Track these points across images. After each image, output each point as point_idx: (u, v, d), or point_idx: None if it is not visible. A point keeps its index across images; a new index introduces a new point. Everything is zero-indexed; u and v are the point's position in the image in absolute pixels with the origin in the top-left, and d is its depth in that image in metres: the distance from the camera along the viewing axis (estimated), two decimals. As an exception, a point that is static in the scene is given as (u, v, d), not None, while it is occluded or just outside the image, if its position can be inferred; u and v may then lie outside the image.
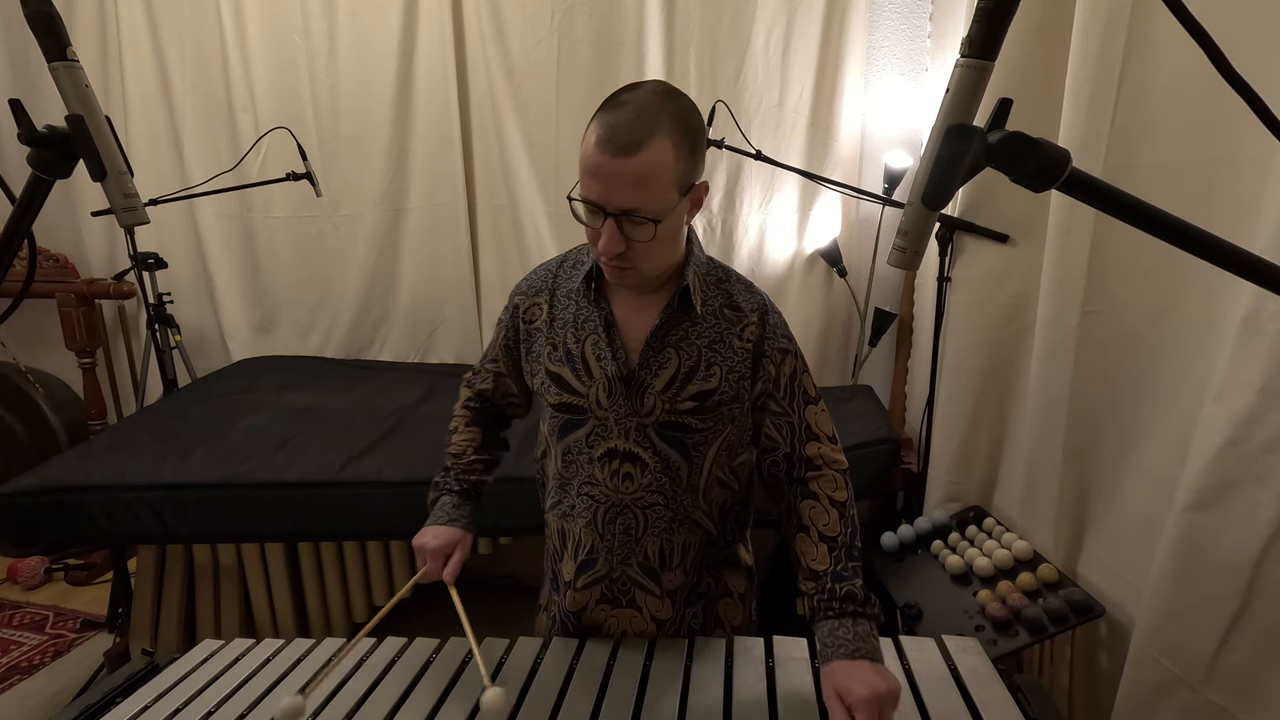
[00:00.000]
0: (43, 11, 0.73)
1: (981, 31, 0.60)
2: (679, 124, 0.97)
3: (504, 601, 1.35)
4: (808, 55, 2.56)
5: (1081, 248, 1.55)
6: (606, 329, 1.10)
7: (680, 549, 1.16)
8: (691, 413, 1.10)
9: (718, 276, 1.15)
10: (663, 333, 1.10)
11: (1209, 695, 1.21)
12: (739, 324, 1.12)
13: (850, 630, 0.99)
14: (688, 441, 1.11)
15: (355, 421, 2.36)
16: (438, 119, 2.83)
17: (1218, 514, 1.19)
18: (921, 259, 0.67)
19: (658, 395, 1.09)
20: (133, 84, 2.97)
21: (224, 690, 1.13)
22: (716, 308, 1.12)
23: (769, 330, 1.13)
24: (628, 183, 0.96)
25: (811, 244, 2.70)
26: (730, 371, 1.10)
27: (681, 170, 0.99)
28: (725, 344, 1.11)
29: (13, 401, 2.98)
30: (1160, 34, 1.36)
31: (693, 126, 1.01)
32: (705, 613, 1.22)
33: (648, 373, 1.09)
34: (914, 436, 2.38)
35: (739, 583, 1.26)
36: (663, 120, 0.96)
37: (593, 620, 1.21)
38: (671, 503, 1.13)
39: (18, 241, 0.79)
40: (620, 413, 1.11)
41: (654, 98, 0.98)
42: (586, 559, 1.18)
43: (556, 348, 1.14)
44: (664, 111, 0.96)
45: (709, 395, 1.09)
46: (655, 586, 1.18)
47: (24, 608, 2.72)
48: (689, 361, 1.09)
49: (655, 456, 1.11)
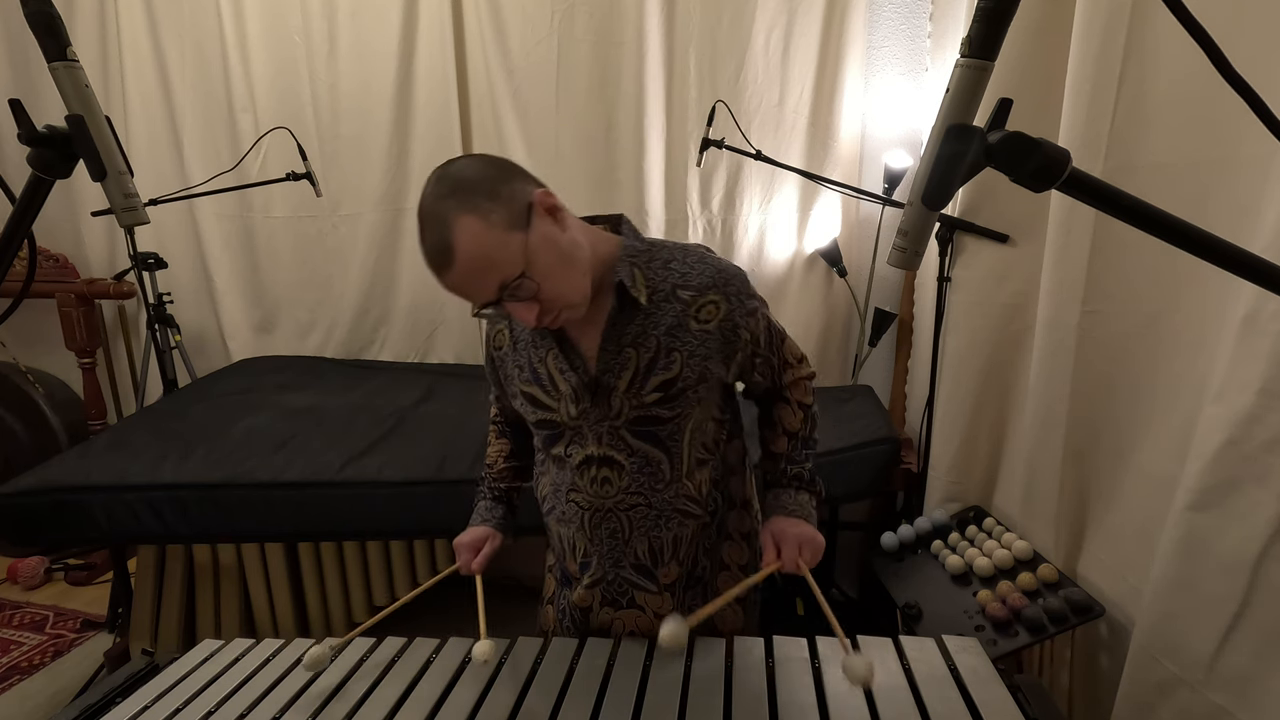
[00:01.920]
0: (43, 11, 0.73)
1: (981, 31, 0.60)
2: (462, 197, 0.94)
3: (504, 601, 1.35)
4: (808, 55, 2.55)
5: (1081, 248, 1.55)
6: (560, 344, 1.11)
7: (671, 543, 1.17)
8: (658, 404, 1.09)
9: (663, 259, 1.11)
10: (616, 335, 1.09)
11: (1209, 695, 1.21)
12: (695, 304, 1.09)
13: (793, 499, 1.21)
14: (661, 433, 1.11)
15: (355, 421, 2.36)
16: (438, 119, 2.83)
17: (1218, 514, 1.19)
18: (921, 259, 0.67)
19: (622, 395, 1.09)
20: (133, 84, 2.97)
21: (224, 690, 1.13)
22: (668, 291, 1.09)
23: (734, 300, 1.10)
24: (473, 279, 0.95)
25: (811, 244, 2.70)
26: (691, 356, 1.09)
27: (500, 220, 0.94)
28: (683, 328, 1.08)
29: (13, 401, 2.98)
30: (1160, 34, 1.36)
31: (475, 182, 0.96)
32: (704, 592, 1.23)
33: (610, 376, 1.09)
34: (914, 436, 2.38)
35: (737, 554, 1.25)
36: (448, 210, 0.93)
37: (600, 623, 1.23)
38: (653, 500, 1.14)
39: (18, 241, 0.79)
40: (591, 420, 1.11)
41: (431, 201, 0.96)
42: (583, 561, 1.20)
43: (523, 369, 1.16)
44: (444, 202, 0.94)
45: (672, 384, 1.09)
46: (652, 584, 1.18)
47: (24, 608, 2.73)
48: (648, 354, 1.08)
49: (631, 457, 1.12)
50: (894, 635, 1.15)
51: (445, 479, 2.00)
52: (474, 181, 0.96)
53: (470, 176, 0.96)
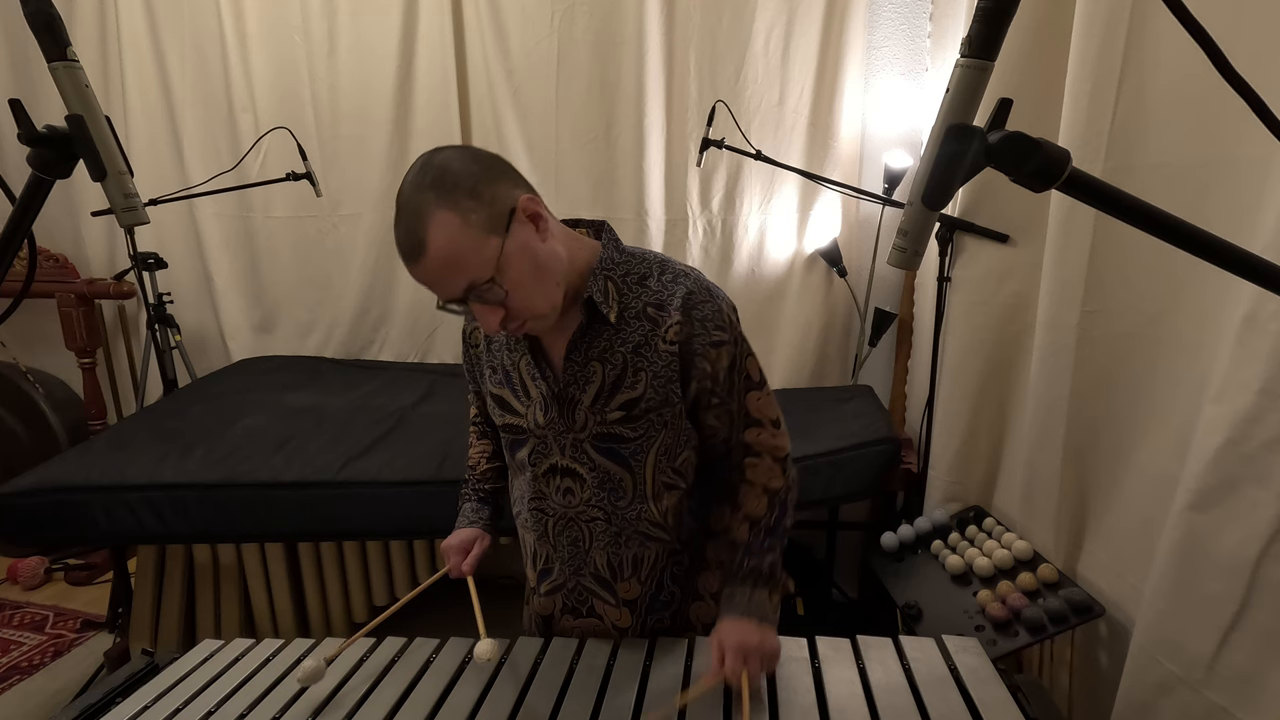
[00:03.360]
0: (43, 11, 0.73)
1: (981, 31, 0.60)
2: (443, 191, 0.91)
3: (504, 601, 1.35)
4: (808, 55, 2.56)
5: (1081, 248, 1.55)
6: (532, 350, 1.10)
7: (631, 561, 1.15)
8: (620, 422, 1.07)
9: (640, 274, 1.08)
10: (583, 346, 1.06)
11: (1209, 695, 1.21)
12: (663, 324, 1.05)
13: (747, 595, 1.07)
14: (624, 451, 1.09)
15: (355, 421, 2.36)
16: (438, 119, 2.83)
17: (1218, 514, 1.18)
18: (921, 259, 0.67)
19: (587, 410, 1.08)
20: (133, 84, 2.97)
21: (224, 690, 1.13)
22: (640, 309, 1.06)
23: (697, 326, 1.05)
24: (441, 276, 0.93)
25: (811, 244, 2.70)
26: (655, 377, 1.05)
27: (479, 222, 0.92)
28: (650, 347, 1.05)
29: (13, 401, 2.98)
30: (1160, 34, 1.36)
31: (455, 179, 0.92)
32: (674, 619, 1.21)
33: (575, 388, 1.08)
34: (914, 436, 2.38)
35: (713, 583, 1.22)
36: (427, 203, 0.91)
37: (560, 629, 1.23)
38: (612, 518, 1.12)
39: (18, 241, 0.79)
40: (556, 429, 1.10)
41: (410, 189, 0.93)
42: (544, 568, 1.20)
43: (496, 370, 1.15)
44: (424, 194, 0.91)
45: (635, 404, 1.06)
46: (610, 596, 1.17)
47: (24, 608, 2.73)
48: (614, 371, 1.06)
49: (593, 472, 1.10)
50: (894, 635, 1.15)
51: (445, 479, 2.00)
52: (458, 176, 0.92)
53: (455, 170, 0.93)
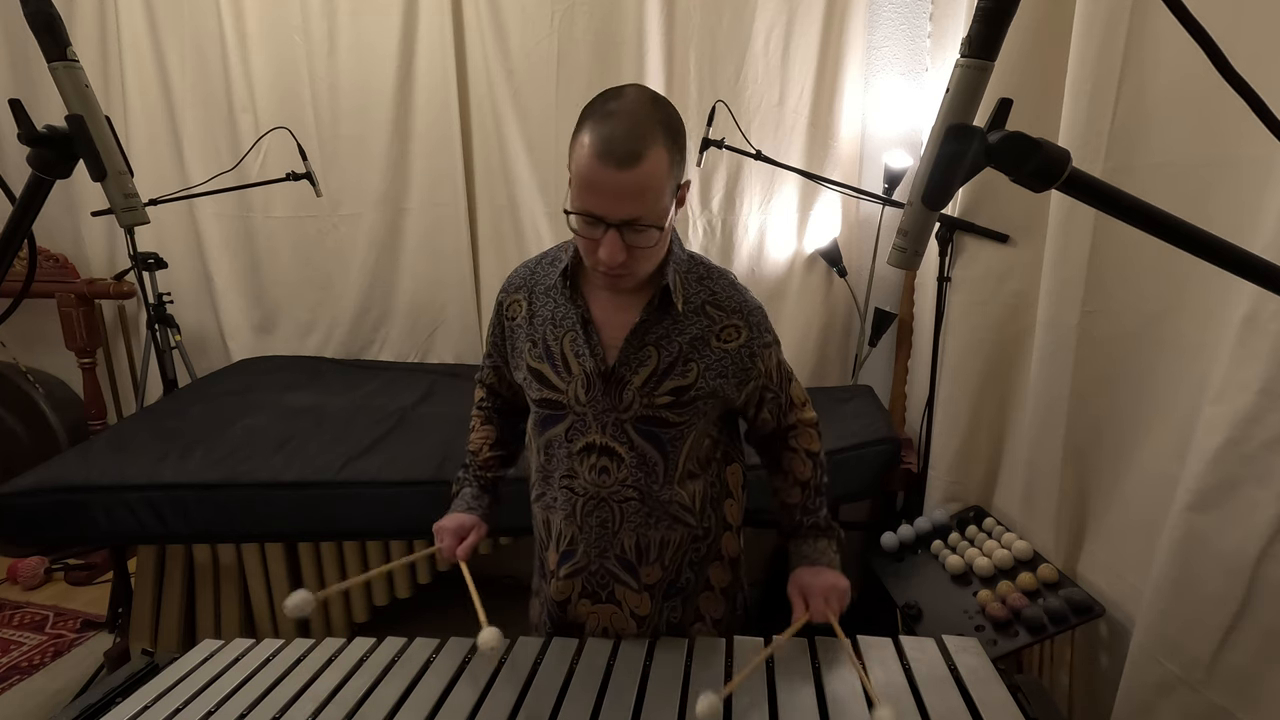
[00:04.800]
0: (43, 11, 0.73)
1: (981, 31, 0.60)
2: (669, 131, 0.99)
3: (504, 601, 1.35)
4: (808, 55, 2.55)
5: (1081, 248, 1.55)
6: (584, 326, 1.12)
7: (658, 545, 1.18)
8: (668, 407, 1.11)
9: (699, 273, 1.17)
10: (643, 330, 1.11)
11: (1209, 695, 1.21)
12: (720, 324, 1.13)
13: (814, 547, 1.22)
14: (664, 436, 1.13)
15: (355, 421, 2.36)
16: (438, 119, 2.83)
17: (1218, 514, 1.19)
18: (921, 259, 0.67)
19: (636, 391, 1.11)
20: (133, 84, 2.97)
21: (224, 690, 1.13)
22: (699, 305, 1.14)
23: (755, 330, 1.15)
24: (629, 194, 0.97)
25: (811, 244, 2.70)
26: (708, 369, 1.12)
27: (675, 176, 1.02)
28: (705, 343, 1.13)
29: (13, 401, 2.98)
30: (1160, 34, 1.36)
31: (679, 130, 1.03)
32: (685, 606, 1.24)
33: (627, 369, 1.11)
34: (914, 436, 2.38)
35: (721, 576, 1.27)
36: (656, 129, 0.97)
37: (576, 615, 1.23)
38: (646, 498, 1.15)
39: (18, 241, 0.79)
40: (599, 408, 1.12)
41: (645, 106, 0.99)
42: (567, 549, 1.21)
43: (536, 344, 1.16)
44: (656, 120, 0.98)
45: (685, 390, 1.11)
46: (633, 580, 1.19)
47: (24, 608, 2.73)
48: (668, 358, 1.11)
49: (631, 451, 1.13)
50: (894, 635, 1.15)
51: (445, 479, 1.99)
52: (680, 132, 1.03)
53: (680, 128, 1.03)
